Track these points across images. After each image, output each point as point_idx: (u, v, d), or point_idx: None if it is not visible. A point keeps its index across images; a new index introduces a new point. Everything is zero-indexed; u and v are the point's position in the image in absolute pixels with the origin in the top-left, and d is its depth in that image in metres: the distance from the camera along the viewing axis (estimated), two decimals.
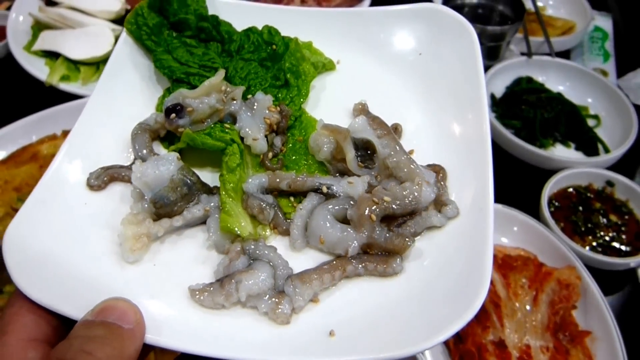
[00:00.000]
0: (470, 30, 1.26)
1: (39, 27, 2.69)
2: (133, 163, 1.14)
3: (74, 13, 2.64)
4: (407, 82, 1.32)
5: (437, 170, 1.13)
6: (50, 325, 0.89)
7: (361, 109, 1.25)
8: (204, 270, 1.02)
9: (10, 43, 2.56)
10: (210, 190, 1.13)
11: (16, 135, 2.11)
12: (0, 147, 2.10)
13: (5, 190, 1.97)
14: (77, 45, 2.53)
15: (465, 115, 1.18)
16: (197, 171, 1.15)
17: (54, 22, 2.64)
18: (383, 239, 1.01)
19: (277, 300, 0.94)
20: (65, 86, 2.42)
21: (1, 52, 2.66)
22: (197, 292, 0.95)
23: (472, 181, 1.08)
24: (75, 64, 2.52)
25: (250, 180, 1.10)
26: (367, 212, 1.01)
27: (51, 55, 2.57)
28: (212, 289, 0.96)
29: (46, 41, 2.58)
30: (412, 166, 1.08)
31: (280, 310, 0.93)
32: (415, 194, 1.04)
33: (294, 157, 1.20)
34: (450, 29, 1.30)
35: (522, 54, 2.63)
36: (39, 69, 2.48)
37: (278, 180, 1.11)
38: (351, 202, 1.06)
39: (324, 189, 1.09)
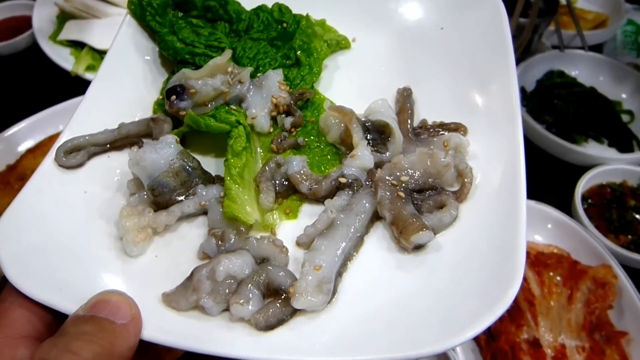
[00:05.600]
0: None
1: (64, 17, 2.69)
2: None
3: (99, 3, 2.65)
4: (429, 59, 1.24)
5: (457, 127, 1.07)
6: (42, 322, 0.83)
7: (406, 96, 1.17)
8: None
9: (36, 33, 2.57)
10: (210, 179, 1.05)
11: (43, 124, 2.12)
12: (28, 136, 2.11)
13: None
14: (102, 35, 2.53)
15: (491, 88, 1.10)
16: (200, 158, 1.08)
17: (79, 12, 2.64)
18: (408, 211, 0.94)
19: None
20: (91, 76, 2.41)
21: (27, 41, 2.67)
22: (169, 298, 0.88)
23: (501, 160, 0.99)
24: (100, 54, 2.52)
25: (294, 161, 1.04)
26: (391, 194, 0.96)
27: (76, 45, 2.57)
28: (181, 288, 0.88)
29: (71, 31, 2.58)
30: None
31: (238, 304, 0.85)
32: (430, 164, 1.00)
33: (305, 139, 1.13)
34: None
35: (554, 47, 2.57)
36: (64, 59, 2.49)
37: (310, 177, 1.03)
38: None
39: (342, 180, 1.00)
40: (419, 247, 0.93)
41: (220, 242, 0.94)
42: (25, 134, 2.11)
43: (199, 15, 1.29)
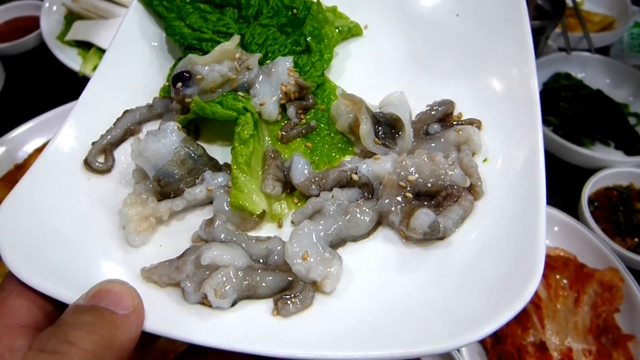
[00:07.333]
0: None
1: (71, 17, 2.70)
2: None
3: (106, 3, 2.65)
4: (444, 46, 1.20)
5: (471, 123, 1.04)
6: (42, 311, 0.80)
7: (442, 103, 1.10)
8: None
9: (44, 33, 2.58)
10: (217, 166, 1.03)
11: (52, 124, 2.12)
12: (36, 136, 2.12)
13: None
14: (109, 35, 2.48)
15: (508, 77, 1.06)
16: (207, 147, 1.06)
17: (86, 12, 2.65)
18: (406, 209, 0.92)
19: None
20: None
21: (35, 41, 2.68)
22: (149, 271, 0.87)
23: (519, 150, 0.96)
24: None
25: (296, 171, 1.00)
26: (399, 197, 0.94)
27: (83, 45, 2.58)
28: (167, 264, 0.87)
29: (79, 31, 2.58)
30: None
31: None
32: (443, 169, 0.95)
33: (317, 122, 1.12)
34: None
35: (560, 49, 2.57)
36: (71, 59, 2.49)
37: (315, 179, 1.00)
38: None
39: (353, 176, 0.96)
40: (429, 237, 0.90)
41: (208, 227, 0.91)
42: (32, 134, 2.12)
43: (207, 1, 1.28)
